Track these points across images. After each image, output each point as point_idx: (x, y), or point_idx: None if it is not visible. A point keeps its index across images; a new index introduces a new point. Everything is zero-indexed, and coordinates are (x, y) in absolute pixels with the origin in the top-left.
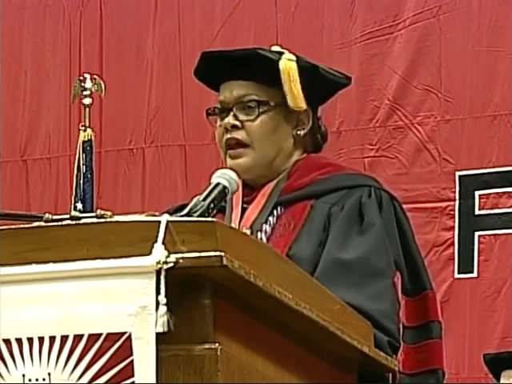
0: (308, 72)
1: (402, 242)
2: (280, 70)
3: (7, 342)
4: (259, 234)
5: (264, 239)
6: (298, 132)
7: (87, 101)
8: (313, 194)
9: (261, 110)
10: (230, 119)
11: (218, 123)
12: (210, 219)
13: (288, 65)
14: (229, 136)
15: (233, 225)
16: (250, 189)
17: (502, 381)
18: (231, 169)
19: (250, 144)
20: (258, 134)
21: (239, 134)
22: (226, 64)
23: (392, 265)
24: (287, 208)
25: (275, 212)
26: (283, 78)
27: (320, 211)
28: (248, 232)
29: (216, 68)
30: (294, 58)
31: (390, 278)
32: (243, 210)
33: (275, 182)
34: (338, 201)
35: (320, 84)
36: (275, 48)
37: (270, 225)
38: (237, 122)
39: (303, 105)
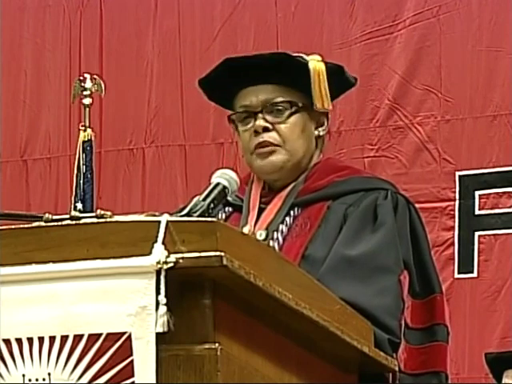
0: (333, 73)
1: (413, 245)
2: (310, 71)
3: (7, 342)
4: (275, 233)
5: (280, 239)
6: (321, 133)
7: (87, 101)
8: (330, 196)
9: (292, 111)
10: (260, 122)
11: (243, 128)
12: (210, 219)
13: (318, 66)
14: (260, 139)
15: (248, 226)
16: (268, 191)
17: (505, 381)
18: (231, 169)
19: (281, 145)
20: (289, 135)
21: (271, 137)
22: (252, 68)
23: (400, 263)
24: (304, 209)
25: (292, 213)
26: (313, 79)
27: (336, 212)
28: (263, 233)
29: (239, 74)
30: (321, 58)
31: (396, 275)
32: (260, 211)
33: (293, 184)
34: (354, 202)
35: (340, 84)
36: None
37: (286, 225)
38: (268, 125)
39: (329, 106)
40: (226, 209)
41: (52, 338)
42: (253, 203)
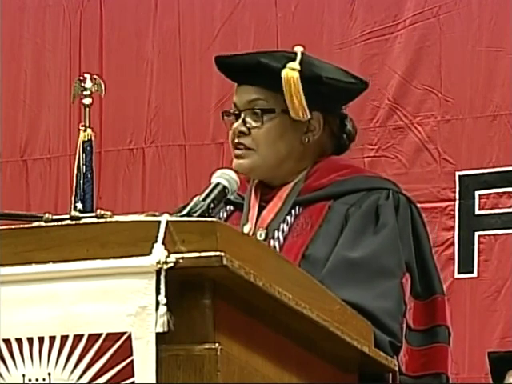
0: (312, 81)
1: (415, 245)
2: (282, 79)
3: (7, 342)
4: (276, 232)
5: (281, 238)
6: (308, 138)
7: (87, 101)
8: (331, 195)
9: (266, 118)
10: (238, 125)
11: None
12: (210, 219)
13: (290, 75)
14: (236, 141)
15: (249, 225)
16: (268, 188)
17: (509, 380)
18: (231, 169)
19: (254, 149)
20: (262, 141)
21: (245, 140)
22: (234, 69)
23: (402, 265)
24: (305, 208)
25: (293, 211)
26: (284, 88)
27: (338, 212)
28: (263, 233)
29: (227, 71)
30: (298, 67)
31: (398, 278)
32: (260, 209)
33: (293, 182)
34: (355, 202)
35: (330, 91)
36: (297, 48)
37: (287, 224)
38: (244, 128)
39: (305, 115)
40: (228, 207)
41: (52, 338)
42: (253, 201)
